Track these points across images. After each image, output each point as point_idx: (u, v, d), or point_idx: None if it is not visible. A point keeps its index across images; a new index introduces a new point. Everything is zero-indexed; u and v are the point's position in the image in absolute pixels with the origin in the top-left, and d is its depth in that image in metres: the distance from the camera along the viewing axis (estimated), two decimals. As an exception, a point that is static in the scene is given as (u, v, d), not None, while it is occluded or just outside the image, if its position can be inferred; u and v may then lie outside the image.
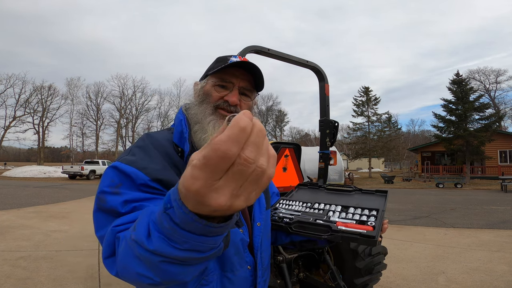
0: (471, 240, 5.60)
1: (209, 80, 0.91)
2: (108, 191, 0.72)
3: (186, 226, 0.47)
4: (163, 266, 0.53)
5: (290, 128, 68.46)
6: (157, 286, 0.57)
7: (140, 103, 49.23)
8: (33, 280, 3.54)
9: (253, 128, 0.39)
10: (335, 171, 21.15)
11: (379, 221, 0.98)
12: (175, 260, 0.52)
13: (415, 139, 63.87)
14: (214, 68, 0.91)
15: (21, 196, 12.10)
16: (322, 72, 2.75)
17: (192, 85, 0.98)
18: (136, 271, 0.56)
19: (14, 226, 6.39)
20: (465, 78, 25.83)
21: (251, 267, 0.91)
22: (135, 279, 0.57)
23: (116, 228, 0.64)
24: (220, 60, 0.92)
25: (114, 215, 0.69)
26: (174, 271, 0.54)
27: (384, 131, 33.51)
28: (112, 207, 0.69)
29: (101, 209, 0.72)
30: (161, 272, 0.54)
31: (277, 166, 2.65)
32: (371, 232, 0.92)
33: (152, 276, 0.55)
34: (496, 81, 44.97)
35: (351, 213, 1.07)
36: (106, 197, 0.71)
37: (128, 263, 0.57)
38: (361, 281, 2.45)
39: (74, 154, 45.82)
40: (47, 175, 26.92)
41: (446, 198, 13.08)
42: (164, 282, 0.56)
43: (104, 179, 0.76)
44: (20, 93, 43.02)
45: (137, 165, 0.75)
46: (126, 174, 0.74)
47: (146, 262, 0.54)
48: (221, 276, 0.83)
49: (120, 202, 0.69)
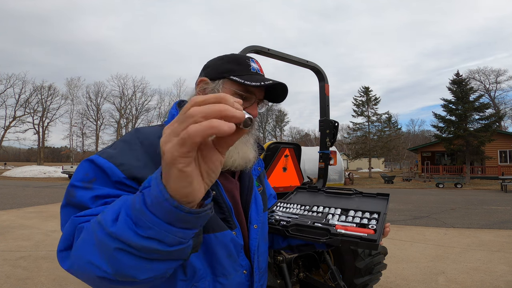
0: (471, 240, 5.60)
1: (226, 85, 0.82)
2: (79, 186, 0.67)
3: (155, 209, 0.46)
4: (118, 255, 0.50)
5: (290, 128, 68.57)
6: (109, 282, 0.53)
7: (140, 103, 49.38)
8: (33, 280, 3.54)
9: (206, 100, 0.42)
10: (335, 171, 21.19)
11: (381, 224, 0.95)
12: (132, 249, 0.49)
13: (415, 139, 63.88)
14: (235, 72, 0.83)
15: (21, 196, 12.10)
16: (322, 72, 2.75)
17: (196, 83, 0.88)
18: (89, 258, 0.52)
19: (14, 226, 6.39)
20: (465, 78, 25.82)
21: (247, 272, 0.86)
22: (86, 270, 0.54)
23: (78, 219, 0.60)
24: (240, 63, 0.85)
25: (82, 210, 0.64)
26: (127, 262, 0.50)
27: (384, 131, 33.49)
28: (81, 202, 0.65)
29: (70, 203, 0.67)
30: (114, 261, 0.51)
31: (277, 166, 2.65)
32: (373, 235, 0.90)
33: (103, 265, 0.51)
34: (496, 81, 45.02)
35: (351, 216, 1.04)
36: (76, 192, 0.66)
37: (83, 251, 0.54)
38: (361, 281, 2.45)
39: (74, 154, 45.76)
40: (47, 175, 26.93)
41: (446, 198, 13.08)
42: (115, 275, 0.52)
43: (77, 172, 0.70)
44: (20, 93, 43.18)
45: (115, 160, 0.70)
46: (102, 169, 0.68)
47: (102, 249, 0.51)
48: (213, 282, 0.78)
49: (90, 197, 0.65)
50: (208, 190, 0.51)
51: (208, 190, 0.52)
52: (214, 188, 0.80)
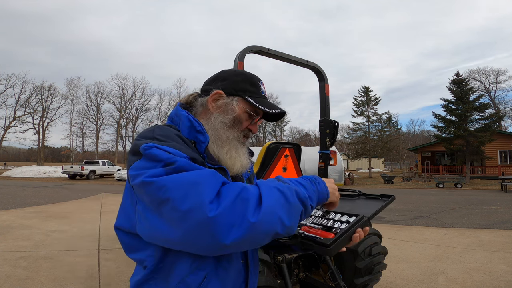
0: (471, 240, 5.60)
1: (240, 103, 0.93)
2: (176, 159, 0.73)
3: (321, 196, 0.89)
4: (299, 215, 0.79)
5: (290, 128, 68.41)
6: (282, 234, 0.74)
7: (140, 103, 49.34)
8: (33, 280, 3.54)
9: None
10: (335, 171, 21.20)
11: (350, 229, 0.90)
12: (306, 211, 0.82)
13: (415, 139, 63.87)
14: (250, 93, 0.94)
15: (21, 196, 12.10)
16: (322, 72, 2.75)
17: (210, 92, 0.94)
18: (279, 215, 0.72)
19: (14, 226, 6.39)
20: (465, 78, 25.83)
21: (244, 261, 0.94)
22: (275, 223, 0.71)
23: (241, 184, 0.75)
24: (253, 85, 0.96)
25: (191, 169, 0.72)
26: (299, 219, 0.79)
27: (384, 131, 33.50)
28: (183, 166, 0.72)
29: (173, 171, 0.71)
30: (295, 219, 0.77)
31: (277, 166, 2.65)
32: (327, 239, 0.86)
33: (287, 221, 0.73)
34: (496, 81, 45.04)
35: (329, 218, 1.00)
36: (177, 160, 0.72)
37: (275, 208, 0.72)
38: (361, 281, 2.45)
39: (74, 154, 45.79)
40: (47, 175, 26.93)
41: (446, 198, 13.08)
42: (291, 227, 0.75)
43: (156, 155, 0.72)
44: (20, 93, 43.10)
45: (174, 146, 0.77)
46: (169, 152, 0.74)
47: (291, 210, 0.75)
48: (215, 265, 0.83)
49: (188, 162, 0.73)
50: None
51: None
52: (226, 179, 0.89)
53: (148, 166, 0.72)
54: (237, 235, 0.67)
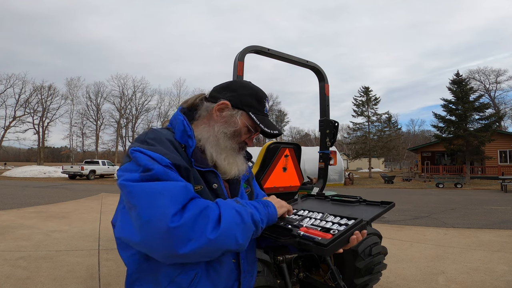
0: (471, 240, 5.60)
1: (243, 117, 0.99)
2: (155, 166, 0.78)
3: (271, 217, 0.95)
4: (251, 234, 0.85)
5: (290, 128, 68.59)
6: (234, 250, 0.80)
7: (140, 103, 49.32)
8: (33, 280, 3.54)
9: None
10: (335, 171, 21.20)
11: (348, 231, 0.91)
12: (257, 231, 0.88)
13: (415, 139, 63.89)
14: (254, 109, 1.00)
15: (21, 196, 12.10)
16: (322, 72, 2.75)
17: (217, 101, 0.99)
18: (234, 234, 0.78)
19: (14, 226, 6.39)
20: (465, 78, 25.81)
21: (236, 260, 0.95)
22: (230, 241, 0.77)
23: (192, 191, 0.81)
24: (259, 101, 1.02)
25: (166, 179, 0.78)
26: (251, 237, 0.85)
27: (384, 131, 33.48)
28: (158, 174, 0.77)
29: (147, 178, 0.76)
30: (247, 237, 0.83)
31: (277, 166, 2.65)
32: (325, 240, 0.87)
33: (240, 239, 0.79)
34: (496, 81, 45.06)
35: (327, 220, 1.01)
36: (154, 167, 0.77)
37: (231, 228, 0.77)
38: (361, 281, 2.45)
39: (74, 154, 45.83)
40: (47, 175, 26.92)
41: (446, 198, 13.08)
42: (243, 245, 0.81)
43: (137, 159, 0.79)
44: (20, 93, 43.07)
45: (159, 151, 0.81)
46: (152, 157, 0.79)
47: (245, 230, 0.81)
48: (206, 264, 0.86)
49: (163, 170, 0.78)
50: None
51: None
52: (216, 182, 0.93)
53: (130, 169, 0.79)
54: (193, 247, 0.72)
